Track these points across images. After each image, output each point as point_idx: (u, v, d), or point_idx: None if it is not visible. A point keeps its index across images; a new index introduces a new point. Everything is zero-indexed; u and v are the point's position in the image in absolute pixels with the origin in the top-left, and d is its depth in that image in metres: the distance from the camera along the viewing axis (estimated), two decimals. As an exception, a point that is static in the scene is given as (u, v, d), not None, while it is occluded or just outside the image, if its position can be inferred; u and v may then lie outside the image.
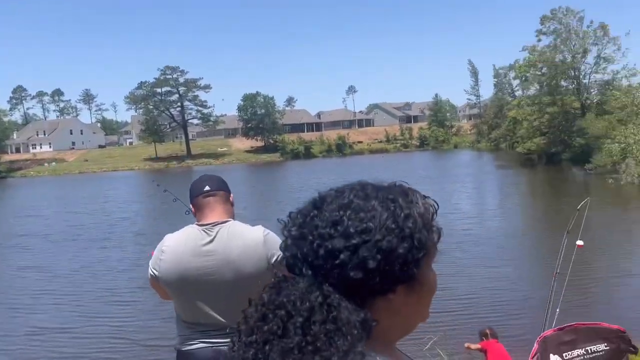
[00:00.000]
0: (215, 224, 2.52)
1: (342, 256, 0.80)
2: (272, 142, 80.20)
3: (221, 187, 2.66)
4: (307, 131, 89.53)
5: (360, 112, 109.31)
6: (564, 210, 17.81)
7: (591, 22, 47.43)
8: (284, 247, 0.87)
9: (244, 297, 0.89)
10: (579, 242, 5.47)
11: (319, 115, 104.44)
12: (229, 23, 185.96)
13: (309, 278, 0.81)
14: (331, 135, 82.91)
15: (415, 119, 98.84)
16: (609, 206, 23.21)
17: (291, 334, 0.76)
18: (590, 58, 47.68)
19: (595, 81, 48.14)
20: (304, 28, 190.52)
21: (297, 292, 0.79)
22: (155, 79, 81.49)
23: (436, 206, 0.90)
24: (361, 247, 0.80)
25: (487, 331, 5.86)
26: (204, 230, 2.52)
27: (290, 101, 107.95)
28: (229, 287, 2.41)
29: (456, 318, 9.56)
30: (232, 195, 2.71)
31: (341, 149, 78.77)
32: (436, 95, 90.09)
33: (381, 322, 0.82)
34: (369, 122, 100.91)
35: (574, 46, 47.58)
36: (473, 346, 5.88)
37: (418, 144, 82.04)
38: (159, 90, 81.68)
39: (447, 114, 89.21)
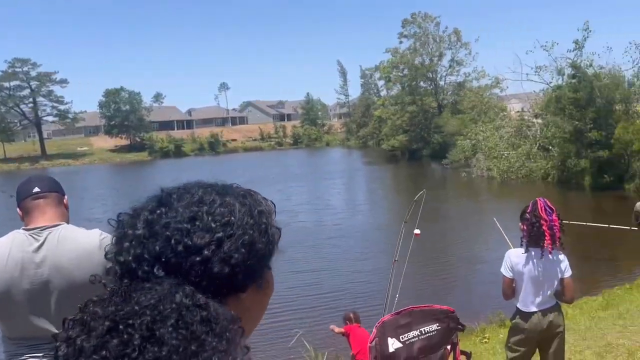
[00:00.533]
0: (44, 228, 2.31)
1: (205, 251, 0.75)
2: (138, 140, 76.13)
3: (53, 188, 2.46)
4: (177, 129, 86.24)
5: (234, 109, 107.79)
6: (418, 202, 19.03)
7: (446, 27, 51.52)
8: (115, 251, 0.78)
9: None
10: (416, 231, 5.86)
11: (189, 112, 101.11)
12: (89, 15, 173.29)
13: (166, 279, 0.73)
14: (203, 133, 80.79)
15: (289, 117, 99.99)
16: (464, 198, 25.30)
17: (165, 338, 0.67)
18: (445, 61, 51.88)
19: (450, 83, 52.51)
20: (172, 22, 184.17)
21: (156, 296, 0.70)
22: (2, 72, 73.01)
23: (274, 207, 0.90)
24: (225, 241, 0.77)
25: (351, 315, 6.15)
26: (31, 235, 2.29)
27: (158, 97, 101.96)
28: (61, 297, 2.20)
29: (321, 313, 9.84)
30: (66, 197, 2.51)
31: (214, 147, 77.08)
32: (308, 94, 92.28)
33: None
34: (242, 120, 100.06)
35: (431, 49, 51.32)
36: (337, 329, 6.15)
37: (292, 142, 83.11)
38: (6, 84, 73.33)
39: (319, 113, 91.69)
